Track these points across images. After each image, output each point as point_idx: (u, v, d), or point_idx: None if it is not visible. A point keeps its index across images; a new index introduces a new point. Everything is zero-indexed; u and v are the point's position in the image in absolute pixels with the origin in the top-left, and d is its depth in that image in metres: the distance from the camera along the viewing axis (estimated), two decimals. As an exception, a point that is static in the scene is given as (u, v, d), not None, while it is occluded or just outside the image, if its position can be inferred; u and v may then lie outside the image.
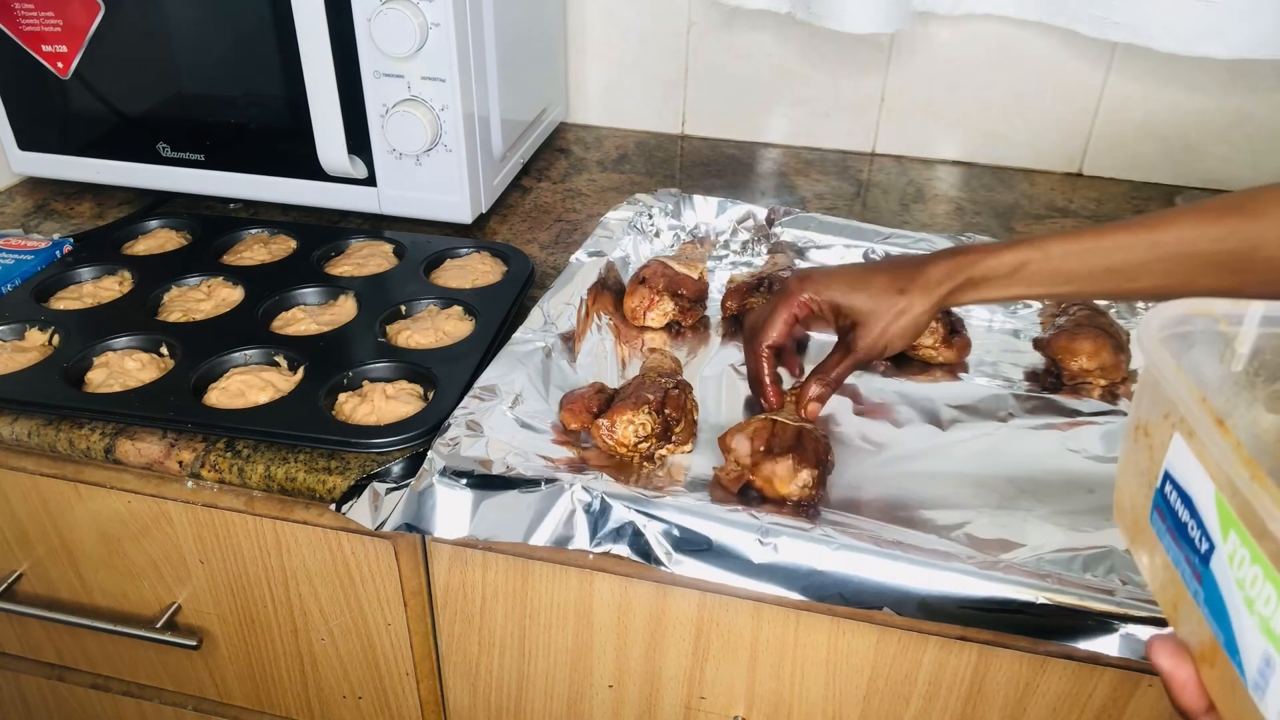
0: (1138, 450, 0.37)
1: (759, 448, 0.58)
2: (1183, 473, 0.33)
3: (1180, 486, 0.33)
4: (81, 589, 0.74)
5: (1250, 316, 0.38)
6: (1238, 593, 0.30)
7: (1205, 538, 0.32)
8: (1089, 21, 0.95)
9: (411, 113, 0.81)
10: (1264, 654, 0.29)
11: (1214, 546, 0.31)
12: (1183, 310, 0.38)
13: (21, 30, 0.88)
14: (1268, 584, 0.28)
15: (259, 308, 0.75)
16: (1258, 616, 0.29)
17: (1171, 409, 0.34)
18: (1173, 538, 0.34)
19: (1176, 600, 0.34)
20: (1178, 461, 0.34)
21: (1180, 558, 0.34)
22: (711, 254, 0.88)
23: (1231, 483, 0.30)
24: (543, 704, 0.68)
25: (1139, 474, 0.37)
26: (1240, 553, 0.30)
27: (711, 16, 1.10)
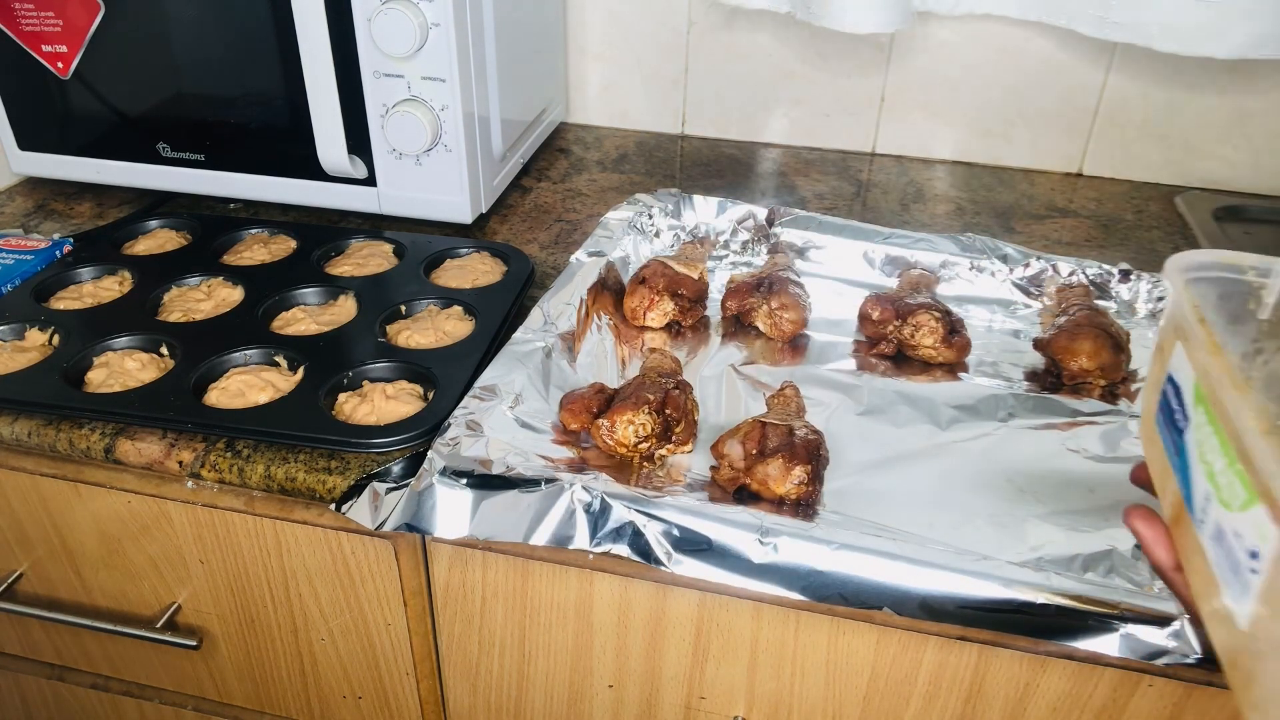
0: (1155, 365, 0.44)
1: (751, 450, 0.58)
2: (1178, 370, 0.41)
3: (1175, 382, 0.41)
4: (81, 589, 0.74)
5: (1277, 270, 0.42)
6: (1196, 451, 0.37)
7: (1184, 416, 0.39)
8: (1089, 21, 0.95)
9: (411, 113, 0.81)
10: (1205, 493, 0.36)
11: (1188, 421, 0.39)
12: (1212, 258, 0.43)
13: (21, 30, 0.88)
14: (1214, 438, 0.36)
15: (259, 308, 0.75)
16: (1205, 465, 0.36)
17: (1179, 322, 0.40)
18: (1165, 427, 0.41)
19: (1164, 480, 0.42)
20: (1176, 364, 0.41)
21: (1168, 440, 0.41)
22: (711, 254, 0.88)
23: (1202, 365, 0.37)
24: (543, 704, 0.68)
25: (1154, 385, 0.44)
26: (1202, 419, 0.37)
27: (711, 16, 1.10)
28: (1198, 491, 0.37)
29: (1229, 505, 0.34)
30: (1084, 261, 0.81)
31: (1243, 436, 0.33)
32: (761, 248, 0.88)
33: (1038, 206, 1.00)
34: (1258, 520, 0.32)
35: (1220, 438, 0.35)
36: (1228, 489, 0.34)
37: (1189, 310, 0.39)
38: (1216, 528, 0.35)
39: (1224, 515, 0.34)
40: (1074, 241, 0.93)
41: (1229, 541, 0.34)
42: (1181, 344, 0.40)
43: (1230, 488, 0.34)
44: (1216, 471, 0.35)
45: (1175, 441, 0.40)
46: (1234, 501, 0.34)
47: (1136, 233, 0.95)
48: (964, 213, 0.98)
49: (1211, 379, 0.36)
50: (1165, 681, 0.54)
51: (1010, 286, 0.82)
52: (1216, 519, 0.35)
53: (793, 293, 0.76)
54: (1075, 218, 0.98)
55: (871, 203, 1.00)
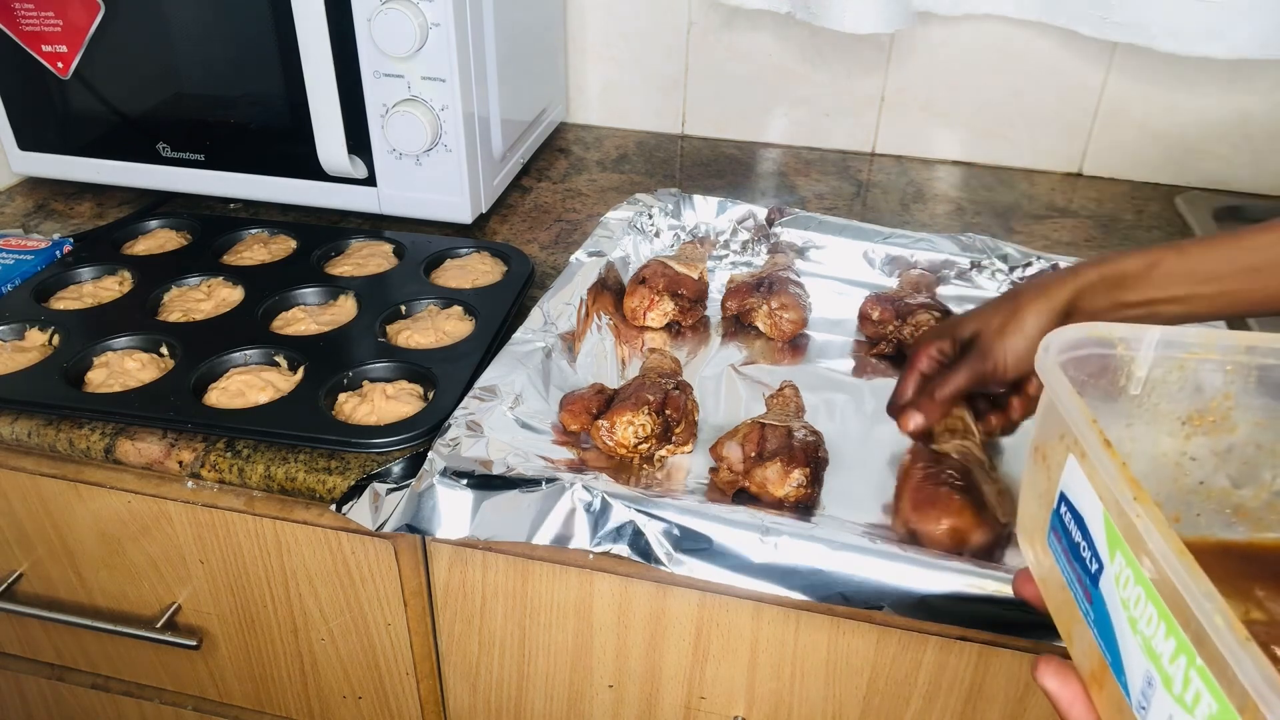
0: (1037, 472, 0.38)
1: (750, 453, 0.58)
2: (1076, 493, 0.34)
3: (1074, 507, 0.34)
4: (81, 589, 0.74)
5: (1147, 341, 0.39)
6: (1123, 613, 0.30)
7: (1095, 558, 0.32)
8: (1089, 21, 0.95)
9: (411, 113, 0.81)
10: (1145, 674, 0.29)
11: (1103, 567, 0.31)
12: (1082, 334, 0.38)
13: (21, 30, 0.88)
14: (1149, 604, 0.28)
15: (259, 308, 0.75)
16: (1140, 637, 0.29)
17: (1066, 430, 0.34)
18: (1067, 559, 0.34)
19: (1070, 622, 0.35)
20: (1071, 482, 0.34)
21: (1073, 578, 0.34)
22: (711, 254, 0.88)
23: (1117, 503, 0.30)
24: (543, 704, 0.68)
25: (1038, 495, 0.37)
26: (1125, 573, 0.30)
27: (711, 16, 1.10)
28: (1133, 668, 0.30)
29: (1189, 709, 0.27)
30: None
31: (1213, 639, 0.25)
32: (761, 248, 0.88)
33: (1038, 206, 1.00)
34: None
35: (1160, 611, 0.28)
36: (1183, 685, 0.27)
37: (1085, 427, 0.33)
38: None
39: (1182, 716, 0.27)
40: (1074, 241, 0.93)
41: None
42: (1075, 460, 0.33)
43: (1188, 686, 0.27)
44: (1161, 655, 0.28)
45: (1085, 587, 0.33)
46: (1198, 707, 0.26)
47: (1136, 233, 0.95)
48: (964, 213, 0.98)
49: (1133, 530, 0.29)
50: (1165, 681, 0.54)
51: (1010, 286, 0.82)
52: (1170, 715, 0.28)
53: (793, 293, 0.76)
54: (1075, 218, 0.98)
55: (871, 203, 1.00)
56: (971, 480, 0.56)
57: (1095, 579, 0.32)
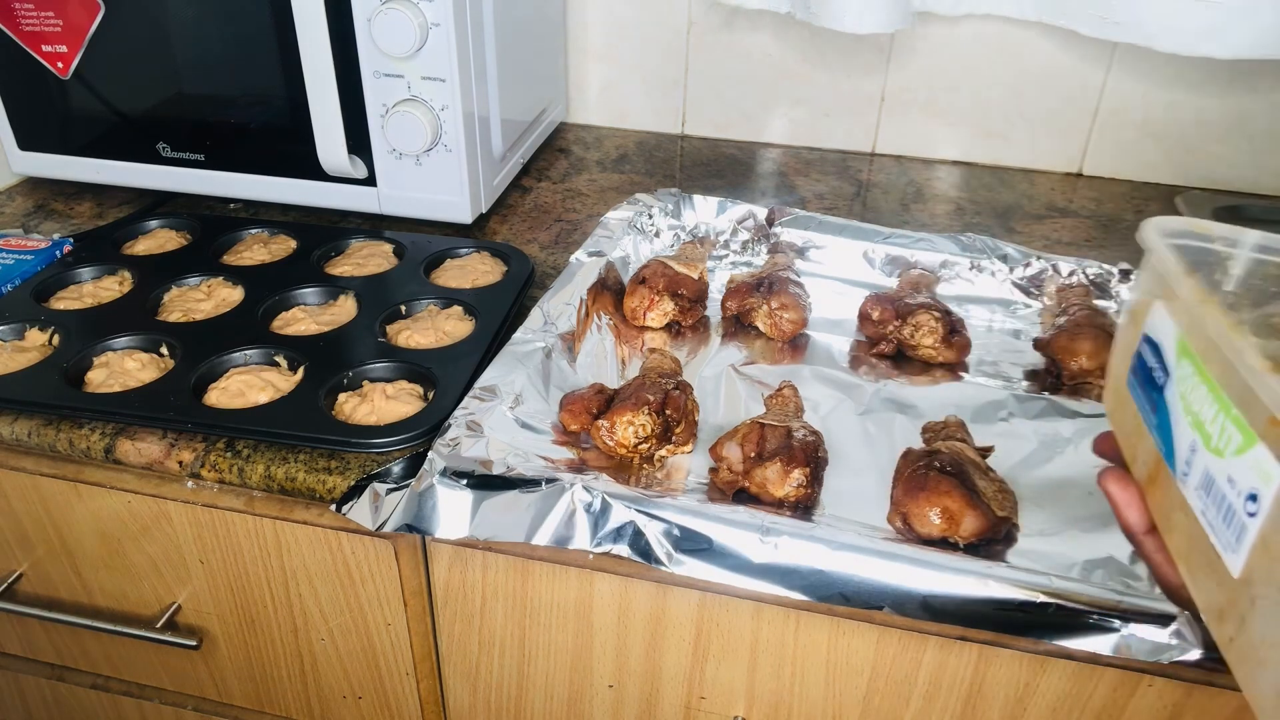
0: (1127, 331, 0.44)
1: (750, 453, 0.58)
2: (1156, 328, 0.40)
3: (1152, 340, 0.40)
4: (81, 589, 0.74)
5: (1245, 242, 0.42)
6: (1180, 404, 0.37)
7: (1164, 372, 0.39)
8: (1089, 21, 0.95)
9: (411, 113, 0.81)
10: (1190, 443, 0.36)
11: (1169, 376, 0.38)
12: (1183, 225, 0.43)
13: (21, 30, 0.88)
14: (1202, 385, 0.35)
15: (259, 308, 0.75)
16: (1191, 415, 0.36)
17: (1157, 282, 0.40)
18: (1140, 387, 0.41)
19: (1137, 442, 0.41)
20: (1154, 322, 0.40)
21: (1143, 400, 0.41)
22: (711, 254, 0.88)
23: (1189, 316, 0.37)
24: (543, 704, 0.68)
25: (1124, 349, 0.43)
26: (1187, 372, 0.37)
27: (711, 16, 1.10)
28: (1181, 443, 0.37)
29: (1220, 452, 0.34)
30: (1084, 261, 0.81)
31: (1246, 377, 0.32)
32: (761, 248, 0.88)
33: (1038, 206, 1.00)
34: (1257, 461, 0.31)
35: (1210, 385, 0.35)
36: (1219, 436, 0.34)
37: (1175, 265, 0.39)
38: (1205, 477, 0.34)
39: (1214, 463, 0.34)
40: (1074, 241, 0.92)
41: (1220, 489, 0.33)
42: (1162, 302, 0.40)
43: (1223, 434, 0.33)
44: (1205, 420, 0.35)
45: (1153, 400, 0.39)
46: (1227, 447, 0.33)
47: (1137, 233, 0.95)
48: (964, 213, 0.98)
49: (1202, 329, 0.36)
50: (1165, 681, 0.54)
51: (1010, 286, 0.82)
52: (1205, 467, 0.35)
53: (793, 293, 0.76)
54: (1075, 218, 0.98)
55: (871, 203, 1.00)
56: (963, 470, 0.56)
57: (1162, 390, 0.39)
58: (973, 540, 0.54)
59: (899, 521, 0.56)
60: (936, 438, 0.62)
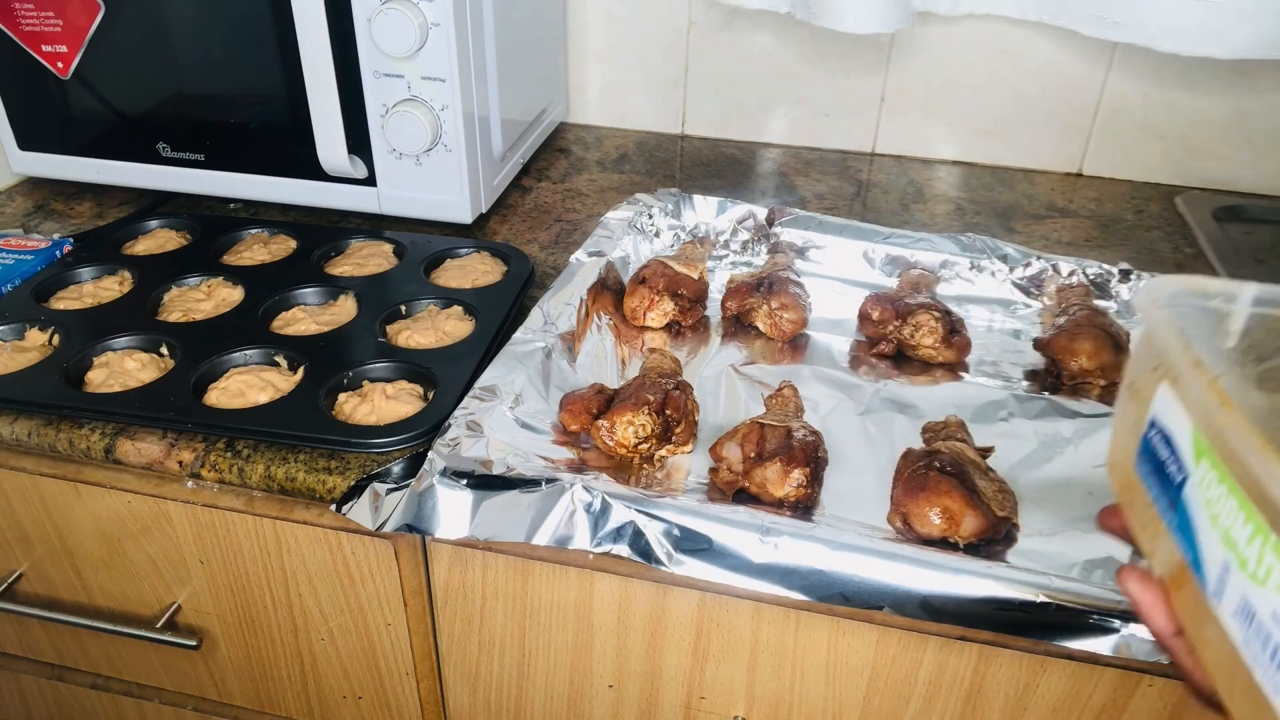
0: (1129, 407, 0.41)
1: (750, 453, 0.58)
2: (1165, 415, 0.37)
3: (1163, 427, 0.37)
4: (81, 589, 0.74)
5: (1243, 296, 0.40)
6: (1204, 512, 0.33)
7: (1180, 469, 0.35)
8: (1089, 21, 0.95)
9: (411, 113, 0.81)
10: (1223, 563, 0.32)
11: (1187, 476, 0.35)
12: (1179, 286, 0.40)
13: (21, 30, 0.88)
14: (1231, 499, 0.32)
15: (259, 308, 0.75)
16: (1220, 530, 0.32)
17: (1160, 360, 0.37)
18: (1154, 477, 0.38)
19: (1154, 536, 0.38)
20: (1162, 407, 0.37)
21: (1159, 493, 0.37)
22: (711, 254, 0.88)
23: (1206, 414, 0.33)
24: (543, 704, 0.68)
25: (1129, 428, 0.40)
26: (1210, 476, 0.33)
27: (711, 16, 1.10)
28: (1210, 559, 0.33)
29: (1262, 582, 0.30)
30: (1084, 261, 0.81)
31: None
32: (761, 248, 0.88)
33: (1038, 206, 1.00)
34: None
35: (1241, 501, 0.31)
36: (1258, 563, 0.30)
37: (1178, 349, 0.36)
38: (1243, 605, 0.31)
39: (1255, 592, 0.30)
40: (1074, 241, 0.93)
41: (1264, 624, 0.30)
42: (1169, 385, 0.36)
43: (1262, 562, 0.30)
44: (1239, 541, 0.31)
45: (1170, 497, 0.36)
46: (1269, 579, 0.30)
47: (1136, 233, 0.95)
48: (964, 213, 0.98)
49: (1220, 433, 0.32)
50: (1165, 681, 0.54)
51: (1010, 286, 0.82)
52: (1243, 594, 0.31)
53: (793, 293, 0.76)
54: (1075, 218, 0.98)
55: (871, 203, 1.00)
56: (963, 470, 0.56)
57: (1180, 488, 0.35)
58: (973, 540, 0.54)
59: (899, 521, 0.56)
60: (936, 438, 0.62)
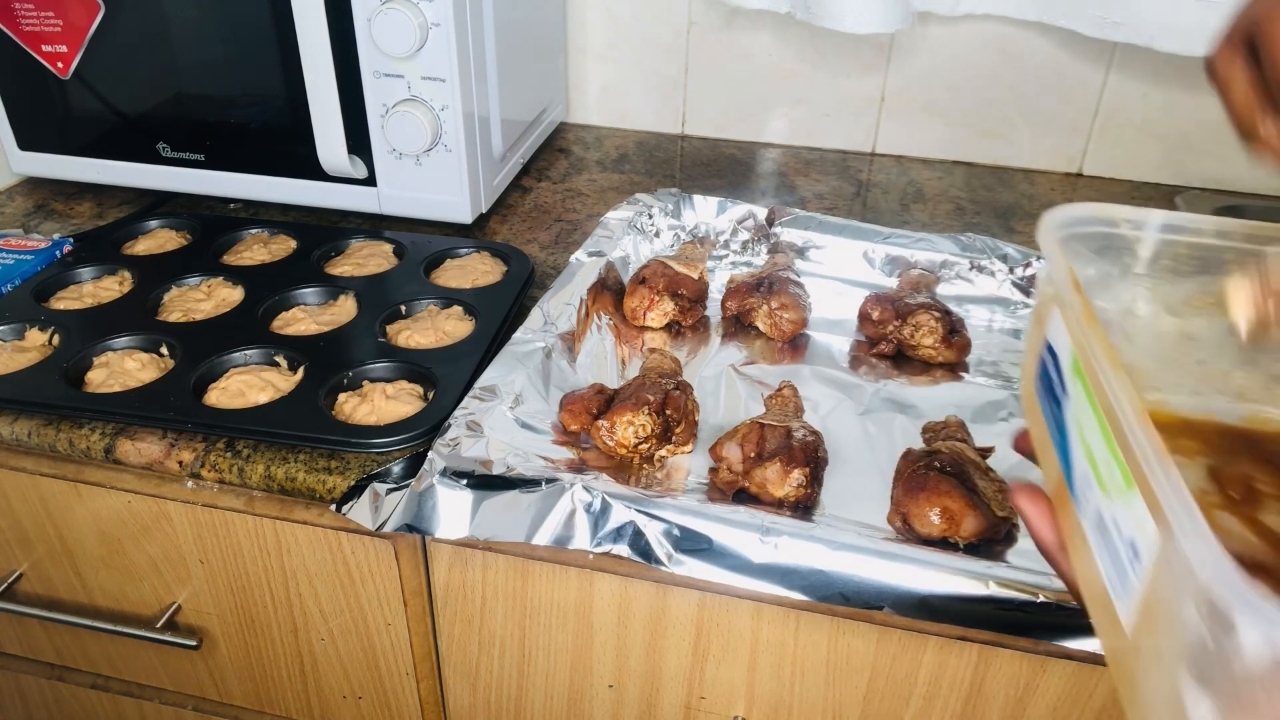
0: (1033, 332, 0.41)
1: (750, 453, 0.58)
2: (1055, 338, 0.38)
3: (1053, 349, 0.38)
4: (81, 589, 0.74)
5: (1151, 223, 0.41)
6: (1076, 428, 0.35)
7: (1062, 387, 0.36)
8: (1089, 21, 0.95)
9: (411, 113, 0.81)
10: (1084, 474, 0.33)
11: (1067, 392, 0.36)
12: (1086, 212, 0.40)
13: (21, 30, 0.88)
14: (1091, 413, 0.33)
15: (259, 308, 0.75)
16: (1084, 444, 0.33)
17: (1053, 284, 0.38)
18: (1044, 397, 0.39)
19: (1045, 452, 0.39)
20: (1053, 329, 0.38)
21: (1048, 411, 0.38)
22: (711, 254, 0.88)
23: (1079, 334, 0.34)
24: (543, 704, 0.68)
25: (1033, 351, 0.41)
26: (1080, 394, 0.34)
27: (711, 16, 1.10)
28: (1077, 471, 0.34)
29: (1108, 491, 0.31)
30: (1084, 261, 0.81)
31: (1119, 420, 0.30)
32: (761, 248, 0.88)
33: (1038, 206, 1.00)
34: (1136, 511, 0.29)
35: (1098, 417, 0.32)
36: (1107, 473, 0.31)
37: (1065, 276, 0.36)
38: (1097, 513, 0.32)
39: (1103, 501, 0.31)
40: (1074, 241, 0.92)
41: (1109, 530, 0.31)
42: (1059, 310, 0.37)
43: (1109, 472, 0.31)
44: (1095, 453, 0.32)
45: (1054, 414, 0.37)
46: (1113, 488, 0.30)
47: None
48: (964, 213, 0.98)
49: (1088, 352, 0.33)
50: (1165, 681, 0.54)
51: (1010, 286, 0.82)
52: (1096, 504, 0.32)
53: (793, 293, 0.76)
54: (1075, 218, 0.98)
55: (871, 203, 1.00)
56: (963, 470, 0.56)
57: (1060, 406, 0.36)
58: (973, 540, 0.54)
59: (899, 521, 0.56)
60: (936, 438, 0.62)
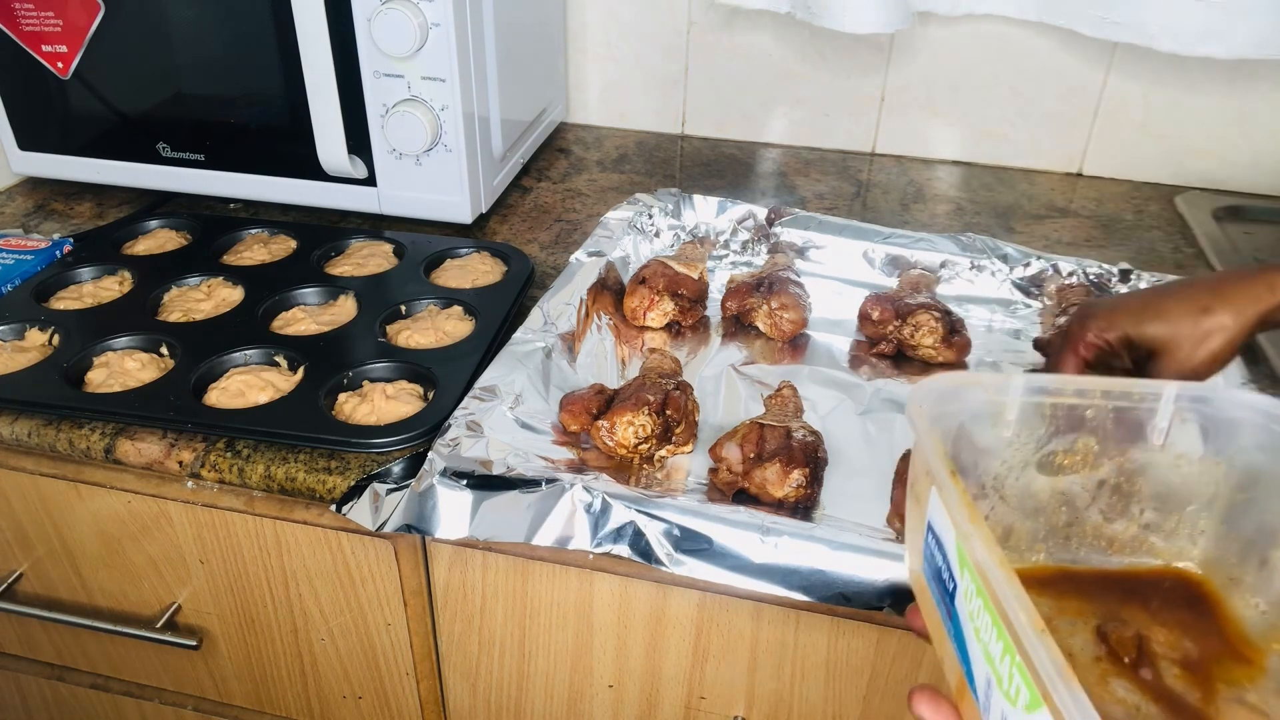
0: (913, 511, 0.40)
1: (749, 454, 0.58)
2: (937, 522, 0.36)
3: (936, 534, 0.36)
4: (81, 589, 0.74)
5: (1013, 387, 0.41)
6: (969, 624, 0.33)
7: (951, 578, 0.35)
8: (1089, 21, 0.95)
9: (411, 113, 0.81)
10: (986, 677, 0.32)
11: (956, 585, 0.34)
12: (952, 383, 0.41)
13: (21, 30, 0.88)
14: (986, 614, 0.31)
15: (259, 308, 0.75)
16: (981, 644, 0.32)
17: (929, 468, 0.36)
18: (935, 583, 0.37)
19: (942, 644, 0.37)
20: (934, 512, 0.36)
21: (940, 600, 0.36)
22: (711, 254, 0.88)
23: (960, 526, 0.33)
24: (543, 704, 0.68)
25: (915, 530, 0.40)
26: (970, 588, 0.33)
27: (711, 16, 1.10)
28: (978, 673, 0.33)
29: (1012, 701, 0.30)
30: (1084, 261, 0.81)
31: (1019, 633, 0.29)
32: (761, 248, 0.88)
33: (1038, 206, 1.00)
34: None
35: (994, 619, 0.31)
36: (1009, 682, 0.30)
37: (938, 458, 0.35)
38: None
39: (1009, 710, 0.30)
40: (1074, 241, 0.93)
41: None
42: (936, 491, 0.36)
43: (1011, 681, 0.30)
44: (994, 657, 0.31)
45: (946, 604, 0.35)
46: (1018, 699, 0.29)
47: (1136, 233, 0.95)
48: (964, 213, 0.98)
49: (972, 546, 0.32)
50: (1165, 682, 0.54)
51: (1010, 286, 0.82)
52: (1002, 711, 0.31)
53: (793, 293, 0.76)
54: (1075, 218, 0.98)
55: (871, 203, 1.00)
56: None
57: (952, 597, 0.35)
58: None
59: (899, 523, 0.56)
60: None
